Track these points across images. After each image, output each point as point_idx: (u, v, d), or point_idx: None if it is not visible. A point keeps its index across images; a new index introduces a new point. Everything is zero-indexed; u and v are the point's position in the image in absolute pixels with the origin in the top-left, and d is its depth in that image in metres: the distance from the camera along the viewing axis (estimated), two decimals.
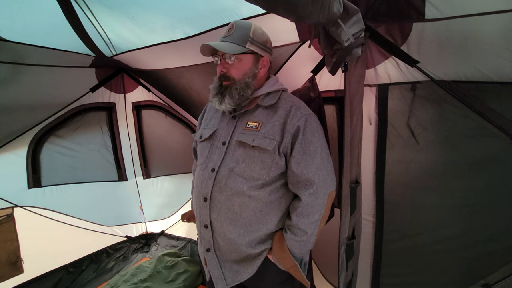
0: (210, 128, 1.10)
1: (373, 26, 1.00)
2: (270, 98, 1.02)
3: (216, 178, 0.97)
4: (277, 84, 1.07)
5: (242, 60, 0.98)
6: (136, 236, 2.76)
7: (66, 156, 2.21)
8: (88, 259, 2.41)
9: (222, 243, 0.98)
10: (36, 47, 1.54)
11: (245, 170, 0.94)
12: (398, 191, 1.25)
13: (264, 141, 0.93)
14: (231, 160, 0.97)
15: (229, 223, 0.95)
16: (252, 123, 0.98)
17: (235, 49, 0.94)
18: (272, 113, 0.98)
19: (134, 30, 1.50)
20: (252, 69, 1.00)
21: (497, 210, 1.03)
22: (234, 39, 0.95)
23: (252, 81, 1.00)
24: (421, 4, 0.84)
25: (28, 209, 2.06)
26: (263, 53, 1.02)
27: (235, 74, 0.98)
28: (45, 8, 1.30)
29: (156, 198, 2.75)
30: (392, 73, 1.09)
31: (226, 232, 0.96)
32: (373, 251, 1.38)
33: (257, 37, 0.98)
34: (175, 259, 2.31)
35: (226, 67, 0.98)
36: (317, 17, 0.61)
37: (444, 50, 0.94)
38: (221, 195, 0.96)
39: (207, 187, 0.98)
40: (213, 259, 1.01)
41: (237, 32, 0.96)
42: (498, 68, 0.86)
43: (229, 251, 0.98)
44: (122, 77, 2.35)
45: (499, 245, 1.04)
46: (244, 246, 0.96)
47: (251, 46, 0.97)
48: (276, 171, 0.94)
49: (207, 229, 0.99)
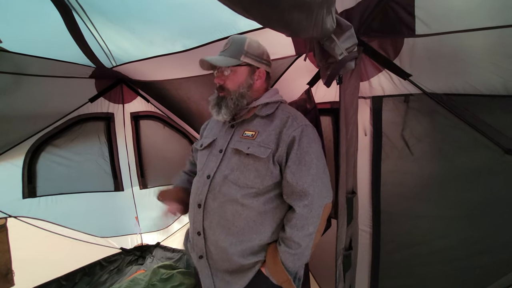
0: (210, 137, 1.12)
1: (367, 40, 1.04)
2: (267, 108, 1.04)
3: (211, 185, 0.98)
4: (276, 95, 1.10)
5: (236, 72, 1.02)
6: (131, 248, 2.71)
7: (63, 166, 2.20)
8: (81, 271, 2.35)
9: (215, 251, 0.97)
10: (37, 58, 1.56)
11: (239, 178, 0.95)
12: (394, 202, 1.25)
13: (259, 149, 0.94)
14: (226, 167, 0.98)
15: (221, 230, 0.95)
16: (248, 132, 1.00)
17: (229, 62, 1.00)
18: (269, 122, 1.00)
19: (135, 42, 1.54)
20: (247, 80, 1.04)
21: (492, 221, 1.03)
22: (230, 53, 1.01)
23: (247, 91, 1.04)
24: (411, 21, 0.88)
25: (22, 219, 2.02)
26: (258, 65, 1.05)
27: (230, 85, 1.02)
28: (47, 19, 1.33)
29: (152, 209, 2.72)
30: (385, 85, 1.12)
31: (218, 240, 0.96)
32: (370, 263, 1.37)
33: (251, 50, 1.03)
34: (170, 271, 2.26)
35: (223, 79, 1.03)
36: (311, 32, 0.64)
37: (435, 64, 0.97)
38: (214, 202, 0.96)
39: (201, 193, 0.99)
40: (205, 267, 0.99)
41: (233, 46, 1.02)
42: (487, 81, 0.89)
43: (221, 260, 0.97)
44: (121, 88, 2.38)
45: (495, 257, 1.04)
46: (236, 256, 0.95)
47: (245, 59, 1.01)
48: (270, 180, 0.95)
49: (200, 236, 0.99)
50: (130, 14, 1.32)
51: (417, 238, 1.22)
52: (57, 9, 1.28)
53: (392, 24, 0.92)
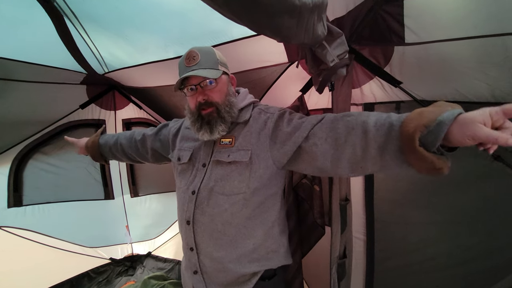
0: (186, 149, 1.06)
1: (358, 48, 1.06)
2: (244, 112, 1.00)
3: (197, 201, 0.94)
4: (248, 96, 1.06)
5: (219, 82, 0.95)
6: (121, 258, 2.63)
7: (51, 173, 2.14)
8: (67, 283, 2.26)
9: (209, 263, 0.94)
10: (27, 63, 1.54)
11: (225, 187, 0.92)
12: (387, 209, 1.25)
13: (238, 154, 0.91)
14: (210, 180, 0.94)
15: (214, 243, 0.93)
16: (225, 139, 0.97)
17: (215, 74, 0.91)
18: (243, 125, 0.97)
19: (127, 49, 1.53)
20: (229, 88, 0.99)
21: (484, 227, 1.04)
22: (206, 65, 0.91)
23: (234, 99, 0.99)
24: (400, 29, 0.90)
25: (7, 229, 1.95)
26: (228, 72, 1.02)
27: (218, 98, 0.94)
28: (38, 25, 1.31)
29: (144, 218, 2.66)
30: (377, 93, 1.14)
31: (212, 251, 0.93)
32: (365, 271, 1.35)
33: (221, 59, 0.97)
34: (161, 282, 2.20)
35: (206, 93, 0.94)
36: (302, 39, 0.64)
37: (424, 71, 1.00)
38: (203, 216, 0.93)
39: (188, 210, 0.96)
40: (199, 282, 0.96)
41: (204, 58, 0.92)
42: (475, 89, 0.92)
43: (217, 271, 0.94)
44: (113, 94, 2.35)
45: (489, 263, 1.04)
46: (232, 264, 0.92)
47: (222, 68, 0.95)
48: (255, 182, 0.91)
49: (193, 252, 0.96)
50: (123, 20, 1.32)
51: (411, 245, 1.22)
52: (48, 15, 1.27)
53: (382, 32, 0.94)
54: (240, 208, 0.92)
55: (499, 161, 0.96)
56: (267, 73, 1.36)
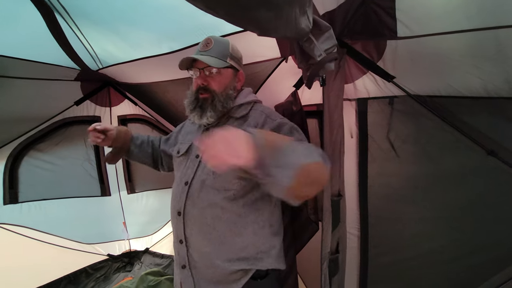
0: (186, 142, 1.09)
1: (350, 43, 1.04)
2: (242, 109, 1.03)
3: (189, 192, 0.95)
4: (250, 95, 1.09)
5: (223, 74, 0.99)
6: (119, 254, 2.64)
7: (47, 170, 2.14)
8: (65, 279, 2.27)
9: (198, 258, 0.94)
10: (19, 60, 1.52)
11: (216, 181, 0.92)
12: (381, 204, 1.25)
13: None
14: (203, 173, 0.96)
15: (203, 237, 0.93)
16: None
17: (219, 64, 0.96)
18: (242, 122, 0.99)
19: (120, 44, 1.51)
20: (232, 82, 1.02)
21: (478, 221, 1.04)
22: (215, 54, 0.97)
23: (233, 93, 1.02)
24: (393, 23, 0.89)
25: (3, 226, 1.95)
26: (239, 68, 1.06)
27: (216, 87, 0.98)
28: (29, 20, 1.29)
29: (141, 214, 2.67)
30: (370, 87, 1.12)
31: (201, 246, 0.93)
32: (359, 266, 1.35)
33: (235, 53, 1.02)
34: (158, 278, 2.21)
35: (207, 80, 0.98)
36: (283, 32, 0.63)
37: (417, 66, 0.98)
38: (194, 208, 0.94)
39: (180, 200, 0.96)
40: (188, 277, 0.96)
41: (216, 47, 0.98)
42: (468, 83, 0.90)
43: (205, 267, 0.94)
44: (108, 91, 2.34)
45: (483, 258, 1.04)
46: (220, 261, 0.92)
47: (231, 61, 1.00)
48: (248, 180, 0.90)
49: (182, 244, 0.96)
50: (115, 15, 1.30)
51: (405, 241, 1.22)
52: (38, 10, 1.25)
53: (374, 26, 0.93)
54: (230, 204, 0.92)
55: (492, 155, 0.95)
56: (260, 68, 1.35)
